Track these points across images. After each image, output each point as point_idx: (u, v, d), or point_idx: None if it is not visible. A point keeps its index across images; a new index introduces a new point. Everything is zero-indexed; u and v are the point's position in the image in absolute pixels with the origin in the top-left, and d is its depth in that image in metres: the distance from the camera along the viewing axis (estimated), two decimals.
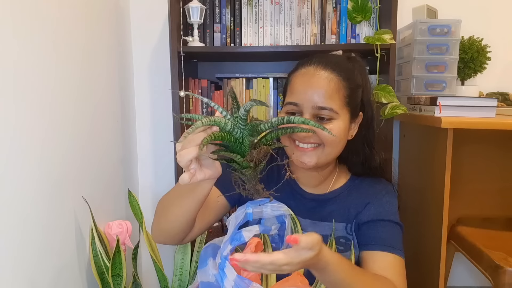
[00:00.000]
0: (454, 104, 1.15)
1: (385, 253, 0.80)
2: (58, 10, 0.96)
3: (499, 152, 1.49)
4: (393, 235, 0.83)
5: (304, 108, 0.79)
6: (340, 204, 0.88)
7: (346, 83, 0.81)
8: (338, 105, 0.79)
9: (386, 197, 0.87)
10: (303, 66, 0.83)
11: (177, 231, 0.77)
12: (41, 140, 0.88)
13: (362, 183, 0.90)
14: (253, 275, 0.72)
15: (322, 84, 0.78)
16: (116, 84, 1.37)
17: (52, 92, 0.93)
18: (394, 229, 0.84)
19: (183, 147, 0.59)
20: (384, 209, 0.86)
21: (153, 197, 1.69)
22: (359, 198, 0.88)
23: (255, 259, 0.55)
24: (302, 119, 0.60)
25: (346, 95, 0.81)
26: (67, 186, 0.99)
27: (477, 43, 1.42)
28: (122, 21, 1.48)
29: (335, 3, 1.44)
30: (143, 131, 1.64)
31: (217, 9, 1.46)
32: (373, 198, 0.87)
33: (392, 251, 0.80)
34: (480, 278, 1.66)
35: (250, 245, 0.77)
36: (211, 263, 0.72)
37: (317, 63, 0.82)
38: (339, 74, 0.80)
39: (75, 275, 1.03)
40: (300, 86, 0.81)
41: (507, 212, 1.50)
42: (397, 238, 0.83)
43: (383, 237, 0.82)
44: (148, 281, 1.63)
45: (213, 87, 1.50)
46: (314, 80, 0.79)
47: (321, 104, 0.77)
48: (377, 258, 0.80)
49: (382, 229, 0.83)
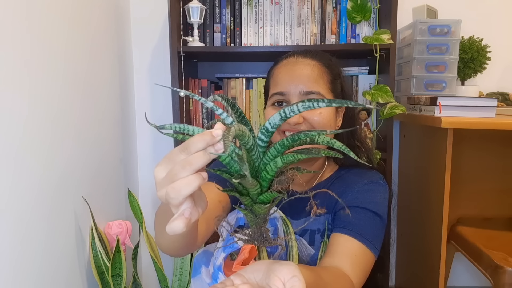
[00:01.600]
0: (454, 104, 1.15)
1: (350, 237, 0.74)
2: (58, 10, 0.96)
3: (499, 152, 1.49)
4: (367, 224, 0.77)
5: (290, 96, 0.80)
6: (322, 196, 0.85)
7: (328, 70, 0.83)
8: (324, 89, 0.81)
9: (368, 186, 0.83)
10: (284, 58, 0.85)
11: (180, 246, 0.67)
12: (41, 140, 0.88)
13: (348, 173, 0.88)
14: None
15: (306, 70, 0.80)
16: (116, 84, 1.37)
17: (51, 92, 0.93)
18: (370, 218, 0.78)
19: (170, 175, 0.37)
20: (363, 196, 0.81)
21: (153, 197, 1.69)
22: (339, 187, 0.85)
23: None
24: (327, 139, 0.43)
25: (329, 80, 0.83)
26: (67, 186, 0.99)
27: (477, 43, 1.42)
28: (122, 21, 1.48)
29: (335, 3, 1.44)
30: (143, 131, 1.64)
31: (217, 9, 1.46)
32: (354, 186, 0.83)
33: (358, 239, 0.74)
34: (480, 278, 1.66)
35: (244, 250, 0.75)
36: (204, 271, 0.70)
37: (297, 53, 0.85)
38: (320, 60, 0.83)
39: (75, 275, 1.03)
40: (284, 75, 0.81)
41: (507, 212, 1.50)
42: (371, 228, 0.76)
43: (353, 223, 0.76)
44: (148, 281, 1.63)
45: (213, 87, 1.50)
46: (297, 67, 0.81)
47: (307, 89, 0.79)
48: (341, 241, 0.74)
49: (356, 215, 0.78)
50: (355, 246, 0.74)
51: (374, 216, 0.79)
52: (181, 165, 0.37)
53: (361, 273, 0.71)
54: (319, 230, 0.85)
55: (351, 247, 0.73)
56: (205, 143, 0.36)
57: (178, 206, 0.39)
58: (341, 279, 0.68)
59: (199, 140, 0.36)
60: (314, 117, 0.78)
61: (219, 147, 0.37)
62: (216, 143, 0.37)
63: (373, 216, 0.79)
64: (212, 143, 0.37)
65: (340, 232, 0.76)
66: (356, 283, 0.70)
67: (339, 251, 0.73)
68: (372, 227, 0.77)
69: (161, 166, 0.39)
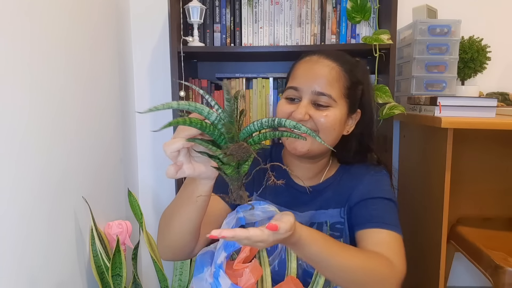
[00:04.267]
0: (454, 104, 1.15)
1: (377, 229, 0.77)
2: (58, 10, 0.96)
3: (499, 152, 1.49)
4: (386, 211, 0.81)
5: (303, 93, 0.81)
6: (334, 190, 0.89)
7: (347, 75, 0.83)
8: (337, 93, 0.81)
9: (376, 176, 0.87)
10: (308, 55, 0.86)
11: (183, 243, 0.73)
12: (41, 141, 0.88)
13: (352, 167, 0.91)
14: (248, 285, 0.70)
15: (324, 71, 0.81)
16: (116, 84, 1.37)
17: (52, 93, 0.93)
18: (386, 205, 0.82)
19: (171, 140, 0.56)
20: (373, 186, 0.85)
21: (153, 197, 1.69)
22: (350, 181, 0.88)
23: (231, 234, 0.55)
24: (293, 123, 0.56)
25: (346, 86, 0.82)
26: (67, 186, 0.99)
27: (477, 43, 1.42)
28: (122, 21, 1.48)
29: (335, 3, 1.44)
30: (143, 131, 1.64)
31: (217, 9, 1.46)
32: (363, 178, 0.87)
33: (385, 227, 0.77)
34: (480, 278, 1.66)
35: (245, 248, 0.76)
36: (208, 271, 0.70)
37: (321, 53, 0.85)
38: (342, 65, 0.83)
39: (75, 275, 1.04)
40: (302, 71, 0.83)
41: (507, 212, 1.50)
42: (390, 214, 0.80)
43: (374, 214, 0.79)
44: (148, 281, 1.63)
45: (213, 87, 1.50)
46: (316, 66, 0.82)
47: (320, 89, 0.79)
48: (370, 235, 0.77)
49: (373, 206, 0.81)
50: (384, 235, 0.76)
51: (389, 202, 0.83)
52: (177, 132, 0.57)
53: (398, 255, 0.74)
54: (327, 223, 0.86)
55: (381, 237, 0.76)
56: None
57: (174, 158, 0.57)
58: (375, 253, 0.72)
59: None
60: (319, 118, 0.79)
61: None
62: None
63: (388, 203, 0.82)
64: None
65: (366, 228, 0.78)
66: (398, 265, 0.72)
67: (370, 244, 0.75)
68: (391, 213, 0.81)
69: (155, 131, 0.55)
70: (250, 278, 0.64)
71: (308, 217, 0.87)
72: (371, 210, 0.80)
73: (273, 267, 0.82)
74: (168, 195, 1.67)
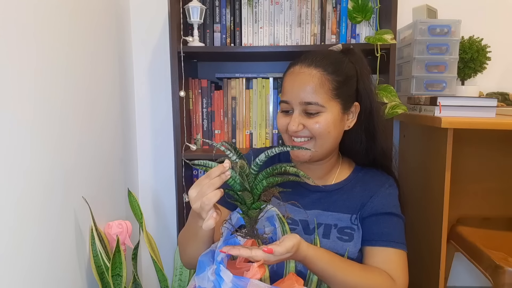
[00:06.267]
0: (454, 104, 1.15)
1: (385, 248, 0.83)
2: (58, 10, 0.96)
3: (499, 152, 1.49)
4: (395, 228, 0.86)
5: (293, 105, 0.85)
6: (345, 195, 0.91)
7: (331, 77, 0.84)
8: (323, 98, 0.83)
9: (389, 190, 0.90)
10: (291, 66, 0.89)
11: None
12: (41, 141, 0.88)
13: (366, 176, 0.93)
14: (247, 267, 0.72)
15: (305, 81, 0.83)
16: (116, 84, 1.37)
17: (52, 93, 0.93)
18: (395, 222, 0.87)
19: (201, 193, 0.63)
20: (386, 201, 0.88)
21: (153, 197, 1.69)
22: (364, 190, 0.90)
23: (236, 253, 0.65)
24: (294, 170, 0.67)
25: (333, 88, 0.84)
26: (67, 186, 0.99)
27: (477, 43, 1.42)
28: (122, 21, 1.48)
29: (335, 3, 1.44)
30: (143, 131, 1.64)
31: (217, 9, 1.46)
32: (377, 191, 0.90)
33: (392, 245, 0.83)
34: (480, 278, 1.66)
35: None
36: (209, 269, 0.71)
37: (302, 62, 0.87)
38: (323, 69, 0.84)
39: (75, 275, 1.03)
40: (288, 85, 0.87)
41: (507, 212, 1.50)
42: (398, 231, 0.86)
43: (385, 232, 0.84)
44: (148, 281, 1.63)
45: (213, 87, 1.50)
46: (298, 78, 0.85)
47: (306, 99, 0.83)
48: (377, 253, 0.83)
49: (384, 224, 0.86)
50: (390, 253, 0.83)
51: (398, 219, 0.88)
52: (207, 186, 0.64)
53: (401, 272, 0.82)
54: (336, 226, 0.88)
55: (387, 255, 0.83)
56: (219, 172, 0.64)
57: (208, 211, 0.65)
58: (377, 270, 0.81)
59: (217, 170, 0.64)
60: (312, 126, 0.83)
61: (228, 174, 0.64)
62: (226, 171, 0.64)
63: (398, 219, 0.88)
64: (224, 171, 0.64)
65: (374, 245, 0.84)
66: (400, 282, 0.81)
67: (376, 261, 0.83)
68: (399, 229, 0.87)
69: (193, 189, 0.66)
70: (257, 273, 0.66)
71: (315, 215, 0.89)
72: (382, 228, 0.85)
73: (271, 267, 0.83)
74: (168, 195, 1.68)
